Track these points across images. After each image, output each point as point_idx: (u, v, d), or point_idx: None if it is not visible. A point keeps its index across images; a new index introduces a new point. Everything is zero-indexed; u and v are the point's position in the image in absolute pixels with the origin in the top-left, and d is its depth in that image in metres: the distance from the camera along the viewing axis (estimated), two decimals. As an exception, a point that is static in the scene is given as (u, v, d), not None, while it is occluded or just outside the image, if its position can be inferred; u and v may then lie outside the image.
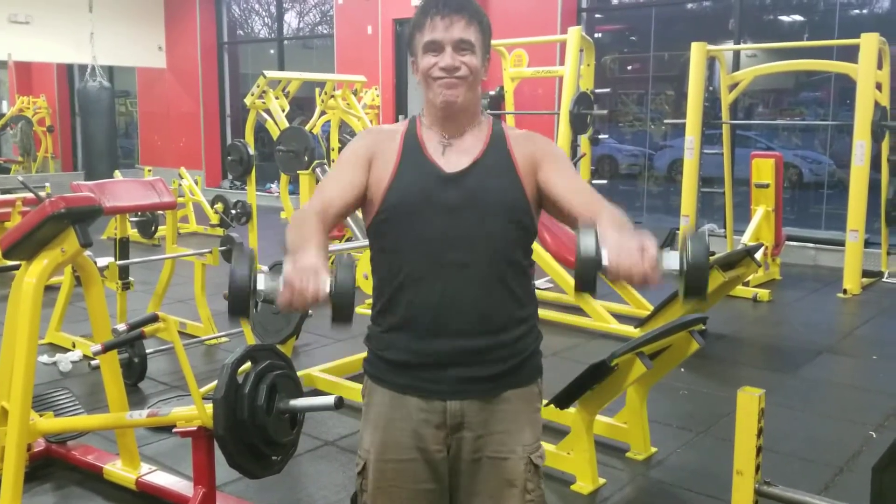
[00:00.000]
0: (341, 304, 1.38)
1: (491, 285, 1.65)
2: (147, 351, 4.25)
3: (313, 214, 1.65)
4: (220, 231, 6.86)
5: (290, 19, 13.20)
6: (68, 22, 11.75)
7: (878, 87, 6.57)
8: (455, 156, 1.68)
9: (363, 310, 3.07)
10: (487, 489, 1.71)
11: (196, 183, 8.84)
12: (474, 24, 1.65)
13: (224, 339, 5.00)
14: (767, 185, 6.60)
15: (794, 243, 7.66)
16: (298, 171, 6.34)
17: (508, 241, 1.67)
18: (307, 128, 6.95)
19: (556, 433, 3.39)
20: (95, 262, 3.08)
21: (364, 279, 4.43)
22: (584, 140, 6.72)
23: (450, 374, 1.66)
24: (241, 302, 1.44)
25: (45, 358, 4.55)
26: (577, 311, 5.48)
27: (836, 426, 3.85)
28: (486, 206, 1.64)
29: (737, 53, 8.58)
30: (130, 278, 4.90)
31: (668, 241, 8.49)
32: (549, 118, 8.95)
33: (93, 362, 4.35)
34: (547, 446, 3.16)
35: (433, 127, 1.72)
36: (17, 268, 2.80)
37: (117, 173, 9.28)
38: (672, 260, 1.40)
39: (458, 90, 1.65)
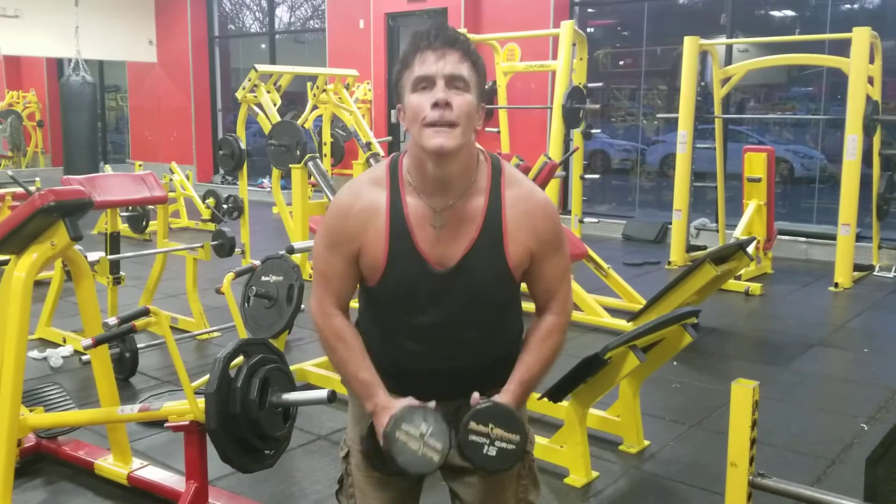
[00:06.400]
0: None
1: (483, 350, 1.70)
2: (138, 346, 4.23)
3: (341, 327, 1.67)
4: (211, 226, 6.81)
5: (282, 13, 13.14)
6: (58, 16, 11.65)
7: (870, 81, 6.59)
8: (447, 243, 1.61)
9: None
10: (483, 483, 1.73)
11: (187, 178, 8.78)
12: (468, 61, 1.54)
13: (216, 334, 4.98)
14: (759, 180, 6.61)
15: (786, 237, 7.68)
16: (290, 166, 6.32)
17: (499, 313, 1.70)
18: (299, 122, 6.93)
19: (550, 427, 3.40)
20: (86, 257, 3.06)
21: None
22: (576, 134, 6.71)
23: (443, 384, 1.69)
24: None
25: (35, 353, 4.52)
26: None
27: (827, 419, 3.86)
28: (477, 298, 1.63)
29: (729, 48, 8.59)
30: (121, 273, 4.87)
31: (659, 237, 8.53)
32: (541, 112, 8.95)
33: (83, 357, 4.33)
34: (540, 440, 3.17)
35: (422, 194, 1.61)
36: (6, 262, 2.77)
37: (108, 168, 9.22)
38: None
39: (450, 135, 1.52)
